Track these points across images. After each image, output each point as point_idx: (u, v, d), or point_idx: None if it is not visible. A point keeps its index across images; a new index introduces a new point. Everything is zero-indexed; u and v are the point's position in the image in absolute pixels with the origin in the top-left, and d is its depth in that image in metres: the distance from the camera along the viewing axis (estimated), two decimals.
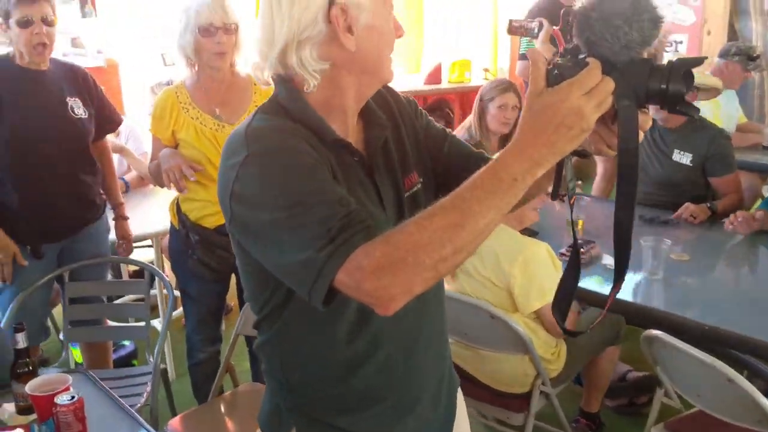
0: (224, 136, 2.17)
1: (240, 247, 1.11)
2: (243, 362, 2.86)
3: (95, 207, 2.70)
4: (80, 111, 2.56)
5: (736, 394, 1.83)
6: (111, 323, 3.11)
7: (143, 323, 2.62)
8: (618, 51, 0.93)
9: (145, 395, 2.41)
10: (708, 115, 3.77)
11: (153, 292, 3.08)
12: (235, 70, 2.48)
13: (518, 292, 2.33)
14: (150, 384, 2.43)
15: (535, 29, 3.23)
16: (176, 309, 3.12)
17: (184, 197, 2.45)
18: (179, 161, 2.31)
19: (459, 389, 1.42)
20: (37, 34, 2.39)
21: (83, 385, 1.92)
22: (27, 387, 1.67)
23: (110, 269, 3.55)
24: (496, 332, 2.33)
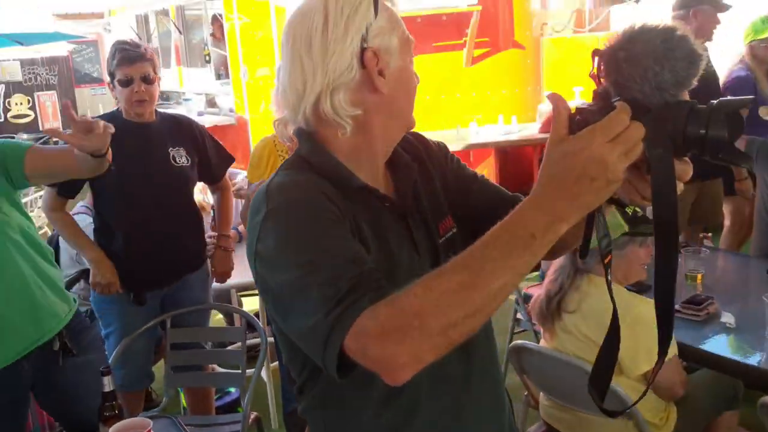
0: None
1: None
2: None
3: (197, 255, 2.79)
4: (182, 159, 2.68)
5: None
6: (220, 369, 3.19)
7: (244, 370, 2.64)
8: (649, 93, 0.83)
9: None
10: None
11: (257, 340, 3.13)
12: None
13: (624, 354, 2.13)
14: None
15: None
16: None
17: None
18: None
19: None
20: (137, 92, 2.54)
21: (168, 430, 1.95)
22: (111, 430, 1.71)
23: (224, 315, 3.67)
24: None
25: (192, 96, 8.35)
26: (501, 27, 5.57)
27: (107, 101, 7.94)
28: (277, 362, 2.72)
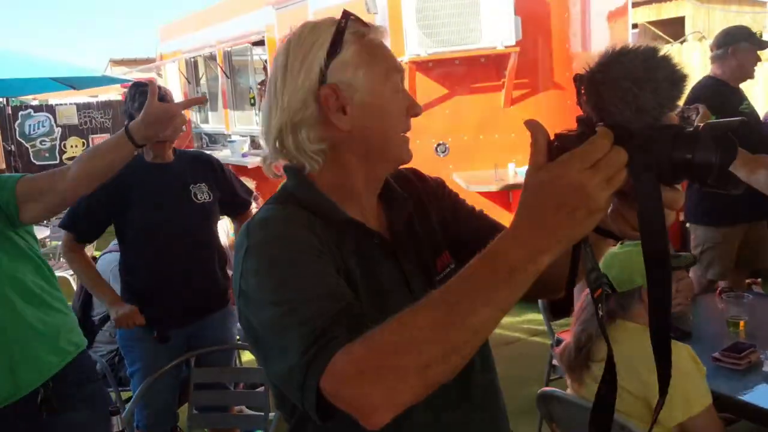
0: None
1: None
2: None
3: (221, 293, 2.79)
4: (204, 195, 2.69)
5: None
6: (248, 411, 3.15)
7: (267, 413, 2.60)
8: (631, 117, 0.77)
9: None
10: None
11: None
12: None
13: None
14: None
15: (693, 115, 2.99)
16: None
17: None
18: None
19: None
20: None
21: None
22: None
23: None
24: None
25: (237, 138, 8.52)
26: (540, 68, 5.54)
27: None
28: None
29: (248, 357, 4.26)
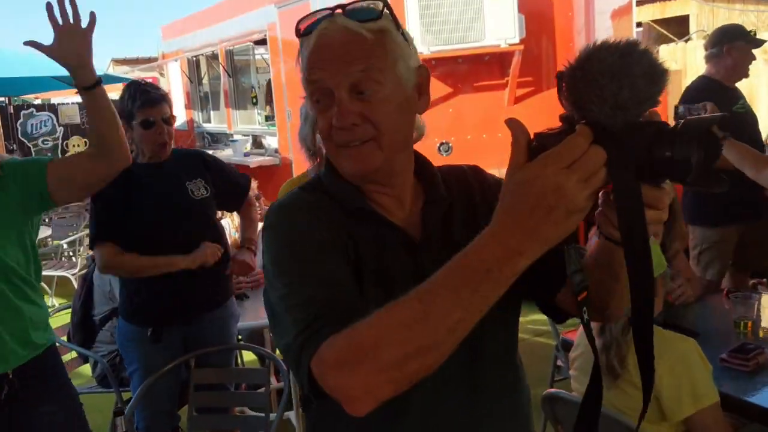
0: None
1: None
2: None
3: (221, 290, 2.76)
4: (201, 191, 2.67)
5: None
6: (251, 412, 3.13)
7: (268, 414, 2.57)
8: (610, 114, 0.75)
9: None
10: None
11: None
12: None
13: (667, 396, 2.01)
14: None
15: (702, 115, 2.97)
16: None
17: None
18: None
19: None
20: (160, 134, 2.54)
21: None
22: None
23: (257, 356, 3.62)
24: None
25: (239, 137, 8.50)
26: (544, 66, 5.51)
27: None
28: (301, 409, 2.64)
29: (250, 357, 4.24)
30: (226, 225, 3.99)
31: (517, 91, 5.22)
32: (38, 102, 13.02)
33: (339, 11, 1.02)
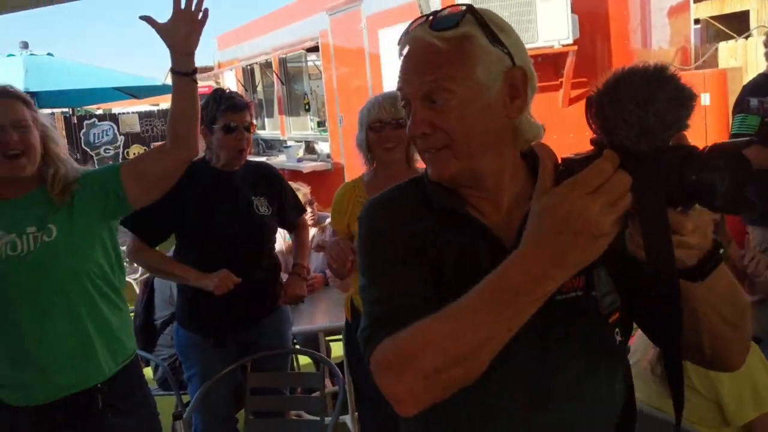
0: None
1: None
2: None
3: (274, 300, 2.79)
4: (264, 209, 2.70)
5: None
6: (307, 416, 3.16)
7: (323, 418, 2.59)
8: (636, 139, 0.75)
9: None
10: None
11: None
12: (413, 164, 2.48)
13: (728, 400, 1.96)
14: None
15: None
16: None
17: (357, 291, 2.44)
18: (343, 243, 2.36)
19: None
20: (239, 140, 2.58)
21: None
22: None
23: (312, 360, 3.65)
24: None
25: (292, 143, 8.61)
26: (599, 66, 5.42)
27: None
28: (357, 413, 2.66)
29: (305, 361, 4.28)
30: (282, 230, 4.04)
31: (572, 93, 5.14)
32: (100, 112, 13.44)
33: (429, 20, 1.05)
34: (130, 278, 6.79)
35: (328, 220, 4.18)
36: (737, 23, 10.21)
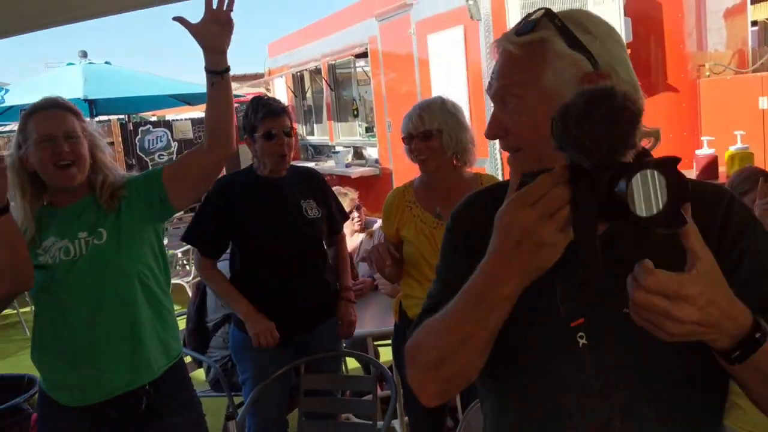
0: (442, 235, 2.16)
1: None
2: None
3: (329, 302, 2.81)
4: (313, 212, 2.72)
5: None
6: (355, 419, 3.17)
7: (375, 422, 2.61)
8: (579, 156, 0.79)
9: None
10: None
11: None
12: (461, 170, 2.48)
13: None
14: None
15: None
16: None
17: (405, 294, 2.45)
18: (382, 247, 2.39)
19: None
20: (280, 146, 2.61)
21: None
22: None
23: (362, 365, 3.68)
24: None
25: (341, 149, 8.68)
26: (653, 70, 5.33)
27: None
28: (407, 417, 2.66)
29: (353, 365, 4.30)
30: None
31: None
32: (154, 119, 13.77)
33: (518, 25, 1.07)
34: (183, 281, 6.92)
35: (376, 225, 4.21)
36: None
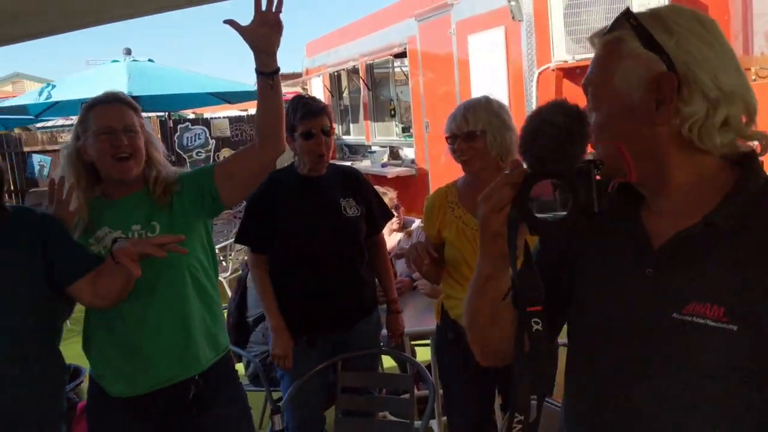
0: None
1: None
2: None
3: (367, 300, 2.82)
4: (352, 210, 2.74)
5: None
6: (391, 417, 3.18)
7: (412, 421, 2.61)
8: (528, 163, 0.92)
9: None
10: None
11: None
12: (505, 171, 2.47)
13: None
14: None
15: None
16: None
17: (447, 295, 2.45)
18: (420, 247, 2.37)
19: None
20: (318, 145, 2.63)
21: None
22: None
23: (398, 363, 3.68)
24: None
25: (377, 149, 8.70)
26: None
27: None
28: (446, 417, 2.66)
29: (389, 364, 4.31)
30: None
31: None
32: (192, 116, 13.97)
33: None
34: (220, 277, 7.01)
35: (414, 225, 4.21)
36: None
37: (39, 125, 12.95)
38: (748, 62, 5.73)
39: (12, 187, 11.49)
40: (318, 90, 10.63)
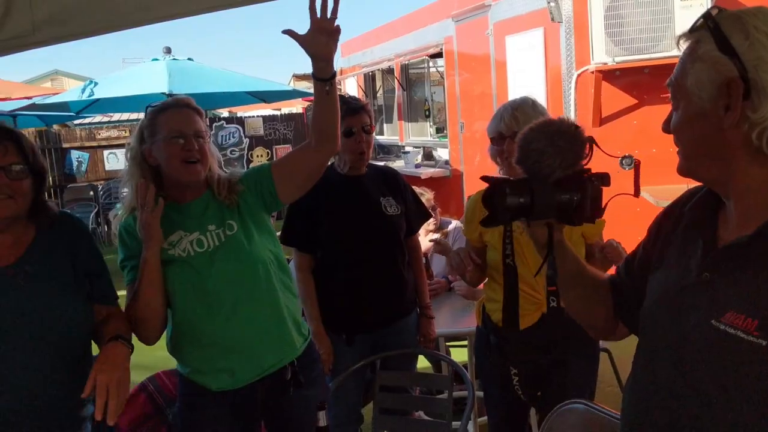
0: (526, 241, 2.14)
1: None
2: None
3: (406, 300, 2.84)
4: (392, 209, 2.76)
5: None
6: (425, 417, 3.19)
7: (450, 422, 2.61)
8: (523, 173, 1.28)
9: None
10: None
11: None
12: None
13: None
14: None
15: None
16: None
17: (488, 298, 2.44)
18: (463, 253, 2.38)
19: None
20: (359, 143, 2.66)
21: None
22: None
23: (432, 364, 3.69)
24: None
25: (410, 149, 8.69)
26: None
27: None
28: (486, 417, 2.66)
29: (423, 364, 4.31)
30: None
31: None
32: (227, 115, 14.12)
33: None
34: None
35: (451, 226, 4.21)
36: None
37: (77, 122, 13.21)
38: None
39: (50, 183, 11.75)
40: (352, 90, 10.66)
